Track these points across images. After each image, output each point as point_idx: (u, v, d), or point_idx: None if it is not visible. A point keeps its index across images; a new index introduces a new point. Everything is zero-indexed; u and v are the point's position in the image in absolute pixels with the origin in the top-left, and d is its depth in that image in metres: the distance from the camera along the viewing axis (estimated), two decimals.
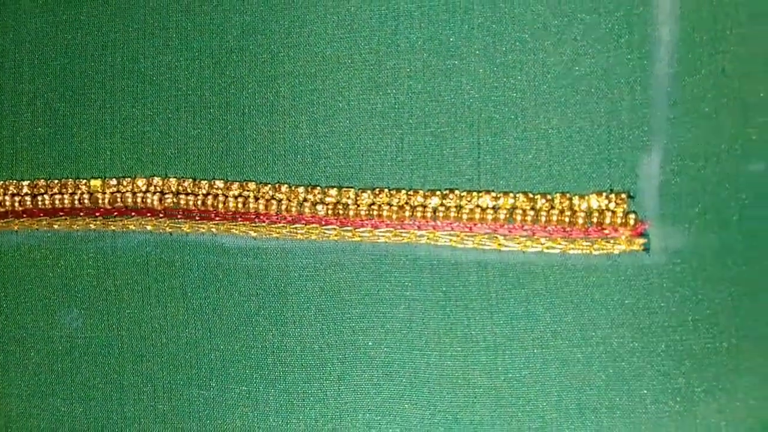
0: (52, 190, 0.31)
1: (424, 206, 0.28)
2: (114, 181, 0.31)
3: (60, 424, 0.31)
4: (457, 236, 0.28)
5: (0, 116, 0.32)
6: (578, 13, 0.28)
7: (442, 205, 0.28)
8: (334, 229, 0.29)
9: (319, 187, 0.29)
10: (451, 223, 0.28)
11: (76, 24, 0.32)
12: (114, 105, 0.31)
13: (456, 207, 0.28)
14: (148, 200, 0.30)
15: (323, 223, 0.29)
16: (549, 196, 0.28)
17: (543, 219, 0.28)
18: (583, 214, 0.27)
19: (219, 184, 0.30)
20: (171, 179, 0.30)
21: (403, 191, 0.29)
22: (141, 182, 0.31)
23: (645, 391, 0.27)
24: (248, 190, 0.30)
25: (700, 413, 0.27)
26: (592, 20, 0.28)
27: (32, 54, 0.32)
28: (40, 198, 0.31)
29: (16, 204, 0.32)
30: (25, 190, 0.32)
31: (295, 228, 0.30)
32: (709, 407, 0.27)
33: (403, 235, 0.29)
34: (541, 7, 0.28)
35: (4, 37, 0.32)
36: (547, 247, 0.28)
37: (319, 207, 0.29)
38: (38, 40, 0.32)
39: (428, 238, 0.29)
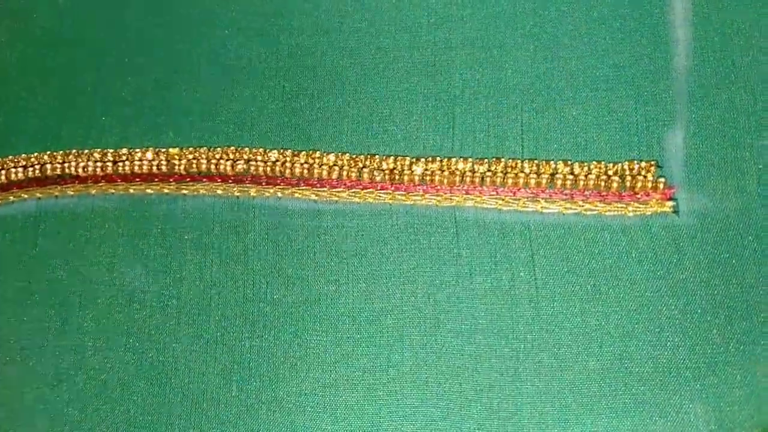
0: (133, 158, 0.35)
1: (473, 172, 0.32)
2: (191, 149, 0.34)
3: (113, 372, 0.32)
4: (503, 200, 0.31)
5: (95, 93, 0.36)
6: (607, 16, 0.33)
7: (489, 170, 0.31)
8: (389, 193, 0.32)
9: (377, 155, 0.33)
10: (497, 189, 0.31)
11: (165, 12, 0.36)
12: (197, 83, 0.35)
13: (502, 173, 0.31)
14: (221, 167, 0.34)
15: (379, 188, 0.32)
16: (586, 163, 0.31)
17: (581, 184, 0.31)
18: (617, 179, 0.30)
19: (288, 153, 0.33)
20: (245, 148, 0.34)
21: (454, 159, 0.32)
22: (217, 150, 0.34)
23: (681, 344, 0.29)
24: (313, 158, 0.33)
25: (736, 364, 0.28)
26: (619, 22, 0.33)
27: (134, 38, 0.36)
28: (120, 164, 0.35)
29: (98, 170, 0.35)
30: (109, 157, 0.35)
31: (354, 192, 0.33)
32: (744, 358, 0.28)
33: (453, 198, 0.32)
34: (576, 10, 0.33)
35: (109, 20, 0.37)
36: (585, 209, 0.30)
37: (376, 173, 0.32)
38: (140, 26, 0.36)
39: (475, 202, 0.32)
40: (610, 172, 0.31)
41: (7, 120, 0.36)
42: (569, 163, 0.31)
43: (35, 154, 0.36)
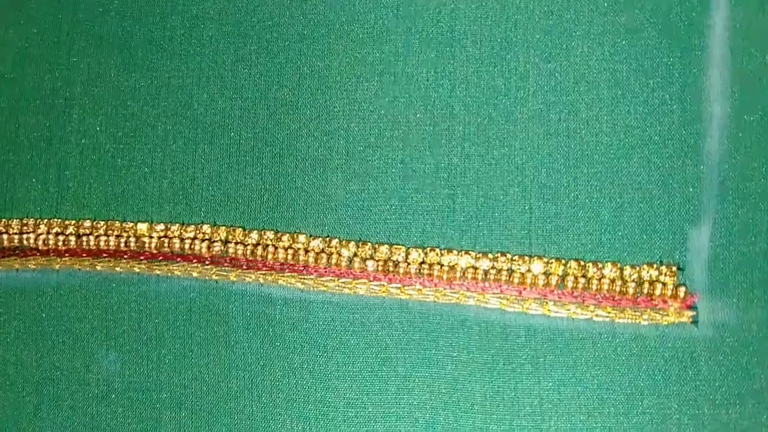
0: (97, 231, 0.31)
1: (475, 268, 0.29)
2: (161, 226, 0.31)
3: None
4: (507, 299, 0.29)
5: (48, 154, 0.32)
6: (632, 86, 0.28)
7: (493, 267, 0.29)
8: (383, 285, 0.29)
9: (369, 243, 0.30)
10: (500, 286, 0.29)
11: (130, 66, 0.32)
12: (165, 148, 0.32)
13: (507, 270, 0.29)
14: (196, 247, 0.30)
15: (372, 279, 0.30)
16: (600, 265, 0.28)
17: (594, 287, 0.28)
18: (633, 284, 0.28)
19: (269, 234, 0.30)
20: (221, 228, 0.31)
21: (454, 251, 0.29)
22: (190, 229, 0.31)
23: None
24: (298, 242, 0.30)
25: None
26: (646, 94, 0.28)
27: (83, 93, 0.33)
28: (84, 238, 0.31)
29: (60, 243, 0.31)
30: (70, 230, 0.31)
31: (344, 282, 0.30)
32: None
33: (452, 295, 0.29)
34: (596, 78, 0.29)
35: (55, 75, 0.33)
36: (597, 315, 0.28)
37: (369, 263, 0.29)
38: (90, 80, 0.33)
39: (477, 300, 0.29)
40: (627, 277, 0.28)
41: None
42: (582, 263, 0.28)
43: None
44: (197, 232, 0.31)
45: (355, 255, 0.29)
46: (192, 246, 0.30)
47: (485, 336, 0.29)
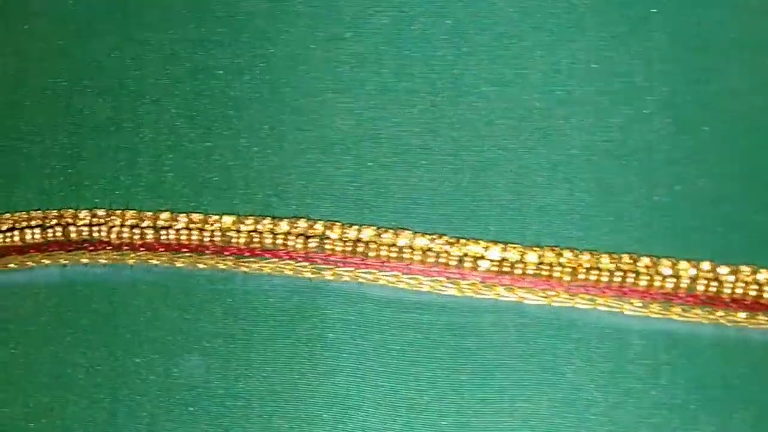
0: (177, 224, 0.29)
1: (599, 269, 0.27)
2: (250, 220, 0.28)
3: None
4: (630, 304, 0.27)
5: (117, 139, 0.30)
6: None
7: (618, 269, 0.27)
8: (494, 287, 0.28)
9: (482, 241, 0.28)
10: (622, 289, 0.27)
11: (208, 43, 0.29)
12: (250, 134, 0.29)
13: (633, 273, 0.27)
14: (290, 243, 0.28)
15: (482, 279, 0.28)
16: (734, 268, 0.26)
17: (726, 291, 0.26)
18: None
19: (369, 231, 0.28)
20: (318, 222, 0.28)
21: (574, 251, 0.27)
22: (284, 223, 0.28)
23: None
24: (404, 238, 0.28)
25: None
26: None
27: (157, 72, 0.30)
28: (163, 232, 0.29)
29: (135, 236, 0.29)
30: (147, 222, 0.29)
31: (452, 282, 0.28)
32: None
33: (568, 298, 0.27)
34: None
35: (124, 51, 0.30)
36: (727, 320, 0.27)
37: (482, 262, 0.27)
38: (164, 58, 0.30)
39: (595, 303, 0.27)
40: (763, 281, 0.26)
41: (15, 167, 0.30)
42: (714, 265, 0.27)
43: (54, 211, 0.29)
44: (292, 226, 0.28)
45: (466, 255, 0.28)
46: (285, 242, 0.28)
47: (601, 341, 0.27)
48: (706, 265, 0.26)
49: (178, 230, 0.28)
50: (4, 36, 0.31)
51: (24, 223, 0.29)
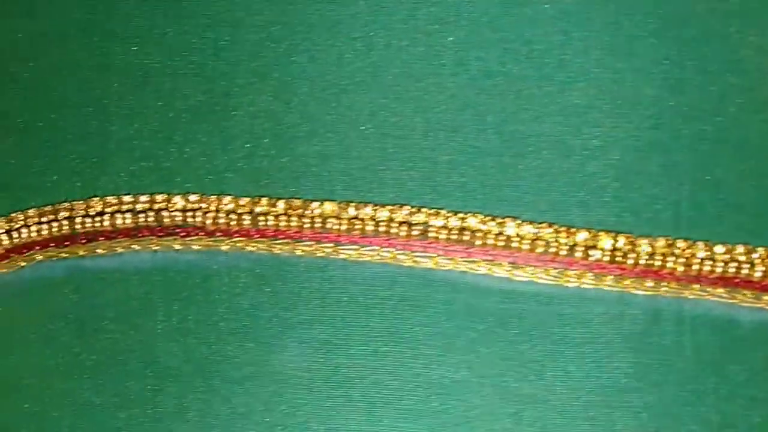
0: (276, 210, 0.28)
1: (701, 259, 0.27)
2: (352, 208, 0.28)
3: None
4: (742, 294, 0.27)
5: (210, 122, 0.29)
6: None
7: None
8: (603, 276, 0.27)
9: (592, 230, 0.27)
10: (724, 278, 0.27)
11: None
12: (351, 121, 0.29)
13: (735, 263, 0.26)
14: (393, 230, 0.28)
15: (594, 268, 0.27)
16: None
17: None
18: None
19: (473, 220, 0.28)
20: (422, 209, 0.28)
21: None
22: (385, 210, 0.28)
23: None
24: (510, 227, 0.27)
25: None
26: None
27: (251, 54, 0.29)
28: (261, 218, 0.28)
29: (232, 222, 0.28)
30: (244, 208, 0.28)
31: (559, 273, 0.27)
32: None
33: (677, 288, 0.27)
34: None
35: (217, 31, 0.29)
36: None
37: (592, 252, 0.27)
38: (259, 40, 0.29)
39: (698, 292, 0.27)
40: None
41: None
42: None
43: (146, 196, 0.29)
44: (393, 213, 0.28)
45: (576, 244, 0.27)
46: (388, 229, 0.28)
47: (708, 329, 0.27)
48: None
49: (277, 216, 0.28)
50: (90, 18, 0.30)
51: (114, 208, 0.29)
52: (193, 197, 0.28)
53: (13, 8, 0.31)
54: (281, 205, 0.28)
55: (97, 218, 0.29)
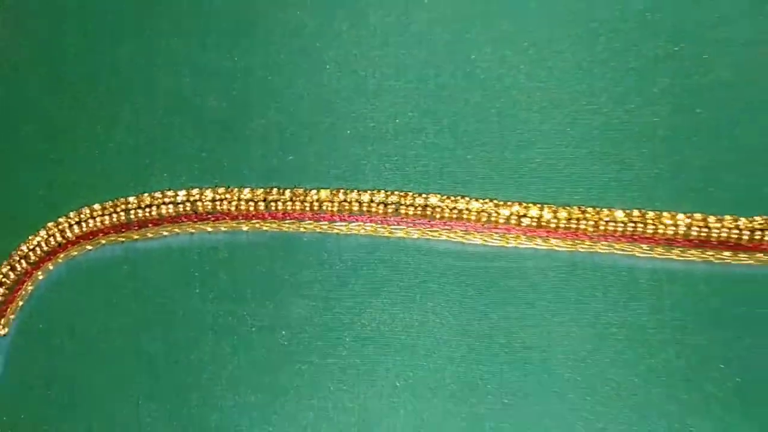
0: (283, 197, 0.37)
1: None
2: (342, 193, 0.36)
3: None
4: None
5: (236, 134, 0.38)
6: None
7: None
8: (533, 239, 0.35)
9: (524, 203, 0.36)
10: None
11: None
12: (339, 127, 0.37)
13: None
14: (373, 209, 0.36)
15: (525, 233, 0.35)
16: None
17: None
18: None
19: (433, 199, 0.36)
20: (395, 192, 0.36)
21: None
22: (366, 194, 0.36)
23: None
24: (461, 203, 0.36)
25: None
26: None
27: (277, 52, 0.38)
28: (272, 204, 0.37)
29: (251, 208, 0.37)
30: (260, 197, 0.37)
31: (504, 236, 0.36)
32: None
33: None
34: None
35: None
36: None
37: (524, 219, 0.35)
38: (284, 42, 0.39)
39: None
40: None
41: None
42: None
43: (184, 191, 0.37)
44: (373, 196, 0.36)
45: (511, 214, 0.35)
46: (369, 208, 0.36)
47: (617, 278, 0.35)
48: (698, 216, 0.34)
49: (284, 202, 0.37)
50: (136, 45, 0.39)
51: (159, 201, 0.37)
52: (220, 190, 0.37)
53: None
54: (288, 193, 0.37)
55: (147, 209, 0.37)
